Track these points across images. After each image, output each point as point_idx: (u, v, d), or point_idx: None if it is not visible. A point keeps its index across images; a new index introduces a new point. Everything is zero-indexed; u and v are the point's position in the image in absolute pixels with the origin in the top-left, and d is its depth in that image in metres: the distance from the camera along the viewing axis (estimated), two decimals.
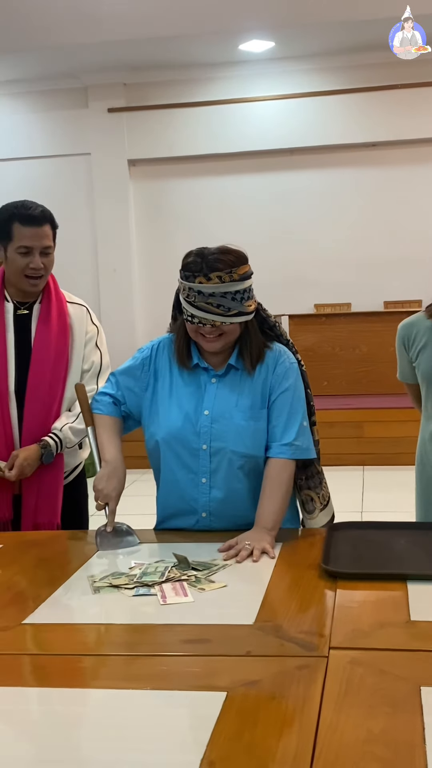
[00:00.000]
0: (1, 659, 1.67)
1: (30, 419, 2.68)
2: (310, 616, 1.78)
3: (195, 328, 2.27)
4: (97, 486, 2.31)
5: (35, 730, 1.41)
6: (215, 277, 2.18)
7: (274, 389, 2.33)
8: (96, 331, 2.83)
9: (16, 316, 2.73)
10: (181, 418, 2.33)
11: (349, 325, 7.86)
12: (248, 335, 2.32)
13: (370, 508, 5.71)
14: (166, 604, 1.85)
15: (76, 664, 1.64)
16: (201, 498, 2.36)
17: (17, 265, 2.65)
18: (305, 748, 1.27)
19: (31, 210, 2.64)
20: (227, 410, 2.32)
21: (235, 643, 1.66)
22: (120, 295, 8.48)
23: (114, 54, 7.61)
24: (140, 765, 1.26)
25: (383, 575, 1.96)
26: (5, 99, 8.49)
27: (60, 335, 2.72)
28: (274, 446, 2.32)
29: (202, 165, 8.39)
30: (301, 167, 8.27)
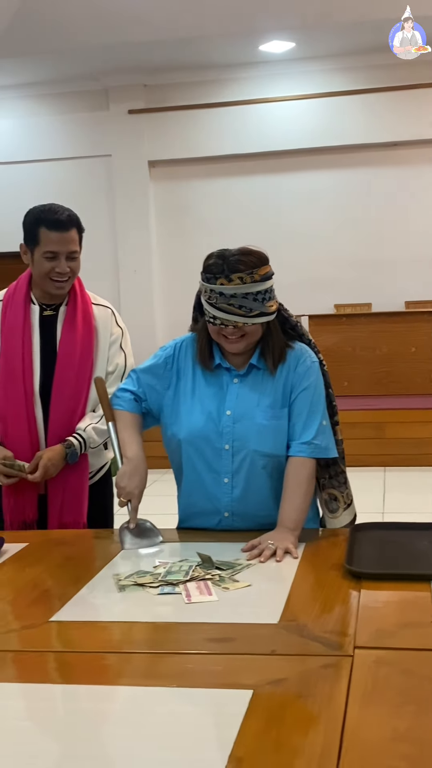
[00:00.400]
0: (28, 656, 1.69)
1: (55, 420, 2.70)
2: (334, 616, 1.79)
3: (217, 330, 2.27)
4: (120, 483, 2.32)
5: (61, 726, 1.42)
6: (236, 279, 2.18)
7: (294, 388, 2.34)
8: (121, 332, 2.84)
9: (42, 317, 2.75)
10: (204, 418, 2.34)
11: (369, 326, 7.84)
12: (270, 335, 2.33)
13: (391, 510, 5.70)
14: (191, 602, 1.86)
15: (102, 662, 1.66)
16: (224, 497, 2.37)
17: (43, 268, 2.66)
18: (332, 746, 1.28)
19: (58, 214, 2.64)
20: (249, 410, 2.32)
21: (259, 642, 1.67)
22: (140, 296, 8.51)
23: (134, 56, 7.64)
24: (167, 762, 1.27)
25: (407, 575, 1.97)
26: (26, 101, 8.55)
27: (85, 337, 2.73)
28: (294, 445, 2.33)
29: (222, 166, 8.40)
30: (321, 167, 8.26)
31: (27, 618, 1.85)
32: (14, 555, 2.30)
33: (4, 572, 2.17)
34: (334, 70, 7.97)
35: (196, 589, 1.92)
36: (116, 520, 3.00)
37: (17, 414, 2.69)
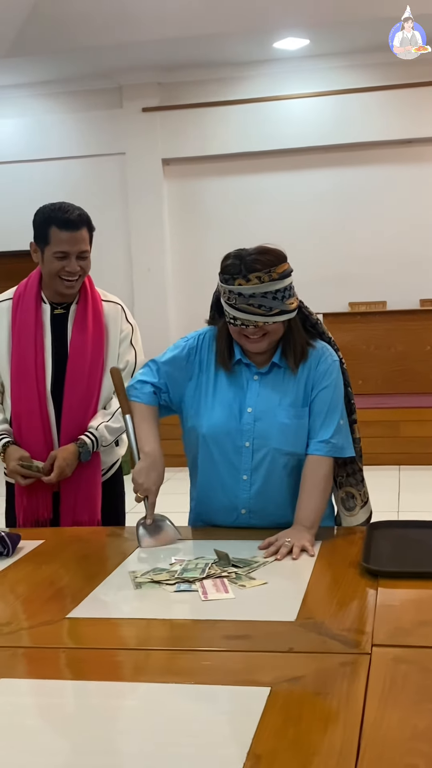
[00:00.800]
0: (45, 653, 1.69)
1: (68, 419, 2.70)
2: (351, 614, 1.79)
3: (238, 331, 2.26)
4: (137, 479, 2.29)
5: (79, 723, 1.42)
6: (254, 278, 2.17)
7: (315, 386, 2.33)
8: (131, 329, 2.83)
9: (53, 316, 2.74)
10: (225, 415, 2.33)
11: (384, 324, 7.81)
12: (291, 333, 2.31)
13: (406, 508, 5.68)
14: (207, 599, 1.86)
15: (119, 659, 1.66)
16: (241, 494, 2.36)
17: (53, 267, 2.65)
18: (350, 744, 1.27)
19: (68, 214, 2.62)
20: (270, 408, 2.31)
21: (277, 639, 1.67)
22: (154, 294, 8.50)
23: (148, 54, 7.64)
24: (186, 758, 1.27)
25: (425, 573, 1.96)
26: (40, 99, 8.56)
27: (96, 335, 2.73)
28: (312, 443, 2.32)
29: (236, 163, 8.39)
30: (336, 165, 8.23)
31: (43, 615, 1.85)
32: (30, 552, 2.30)
33: (21, 569, 2.18)
34: (348, 67, 7.94)
35: (212, 587, 1.92)
36: (128, 517, 3.00)
37: (31, 413, 2.69)
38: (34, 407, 2.69)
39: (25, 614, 1.87)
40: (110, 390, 2.75)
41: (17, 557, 2.25)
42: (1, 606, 1.95)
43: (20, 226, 9.39)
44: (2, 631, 1.78)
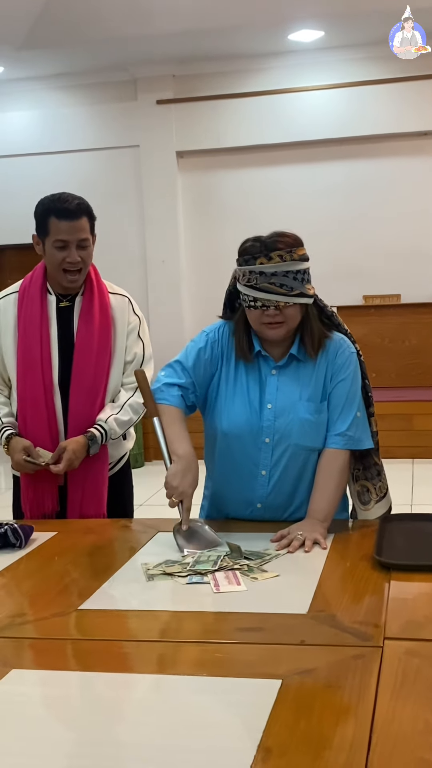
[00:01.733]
0: (56, 644, 1.70)
1: (75, 411, 2.68)
2: (364, 607, 1.78)
3: (258, 315, 2.23)
4: (171, 482, 2.19)
5: (90, 713, 1.42)
6: (276, 257, 2.17)
7: (333, 378, 2.32)
8: (138, 321, 2.81)
9: (58, 308, 2.73)
10: (245, 411, 2.31)
11: (398, 317, 7.78)
12: (308, 322, 2.30)
13: (420, 501, 5.66)
14: (219, 592, 1.86)
15: (130, 651, 1.66)
16: (259, 489, 2.36)
17: (55, 259, 2.64)
18: (362, 737, 1.27)
19: (67, 203, 2.61)
20: (291, 404, 2.30)
21: (289, 631, 1.66)
22: (168, 286, 8.50)
23: (163, 46, 7.62)
24: (197, 750, 1.27)
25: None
26: (55, 92, 8.56)
27: (102, 327, 2.71)
28: (328, 436, 2.32)
29: (250, 156, 8.36)
30: (351, 157, 8.20)
31: (56, 606, 1.86)
32: (43, 544, 2.31)
33: (34, 561, 2.18)
34: (363, 59, 7.89)
35: (224, 579, 1.92)
36: (137, 510, 3.00)
37: (37, 405, 2.68)
38: (39, 399, 2.67)
39: (37, 606, 1.88)
40: (118, 382, 2.75)
41: (30, 549, 2.26)
42: (13, 597, 1.96)
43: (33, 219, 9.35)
44: (14, 622, 1.78)
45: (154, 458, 7.36)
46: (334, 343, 2.34)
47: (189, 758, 1.25)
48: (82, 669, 1.62)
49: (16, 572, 2.11)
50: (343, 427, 2.30)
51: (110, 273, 2.84)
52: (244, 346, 2.33)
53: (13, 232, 8.65)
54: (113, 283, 2.84)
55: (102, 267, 2.87)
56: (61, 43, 7.44)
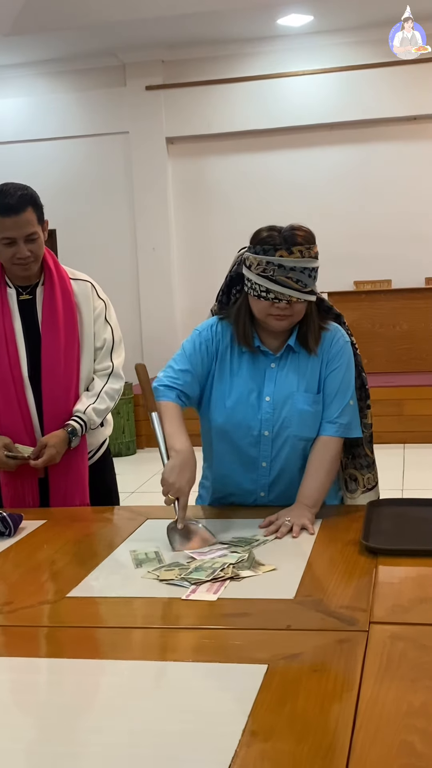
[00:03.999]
0: (46, 631, 1.71)
1: (50, 404, 2.64)
2: (350, 592, 1.79)
3: (267, 306, 2.21)
4: (168, 478, 2.14)
5: (78, 699, 1.43)
6: (297, 251, 2.16)
7: (328, 366, 2.33)
8: (104, 305, 2.75)
9: (20, 301, 2.68)
10: (243, 406, 2.31)
11: (389, 302, 7.79)
12: (310, 317, 2.29)
13: (411, 486, 5.69)
14: (188, 598, 1.78)
15: (118, 637, 1.67)
16: (261, 480, 2.37)
17: (4, 255, 2.58)
18: (346, 720, 1.28)
19: (8, 198, 2.52)
20: (289, 395, 2.30)
21: (275, 616, 1.67)
22: (159, 273, 8.49)
23: (151, 31, 7.58)
24: (183, 735, 1.28)
25: (424, 551, 1.96)
26: (43, 79, 8.51)
27: (67, 315, 2.66)
28: (321, 423, 2.33)
29: (240, 141, 8.34)
30: (340, 142, 8.18)
31: (43, 594, 1.86)
32: (32, 532, 2.31)
33: (23, 549, 2.19)
34: (353, 44, 7.87)
35: (204, 588, 1.82)
36: (122, 498, 2.98)
37: (8, 401, 2.63)
38: (11, 395, 2.63)
39: (26, 593, 1.88)
40: (90, 370, 2.71)
41: (19, 537, 2.27)
42: (1, 585, 1.96)
43: None
44: (3, 610, 1.79)
45: (147, 445, 7.37)
46: (330, 333, 2.35)
47: (175, 742, 1.26)
48: (69, 656, 1.62)
49: (5, 560, 2.11)
50: (334, 414, 2.31)
51: (100, 261, 2.85)
52: (248, 333, 2.30)
53: None
54: (102, 270, 2.82)
55: (92, 255, 2.86)
56: (49, 29, 7.39)
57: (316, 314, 2.33)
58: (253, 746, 1.23)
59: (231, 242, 9.07)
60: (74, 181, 8.37)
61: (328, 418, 2.32)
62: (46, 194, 2.94)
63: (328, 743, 1.23)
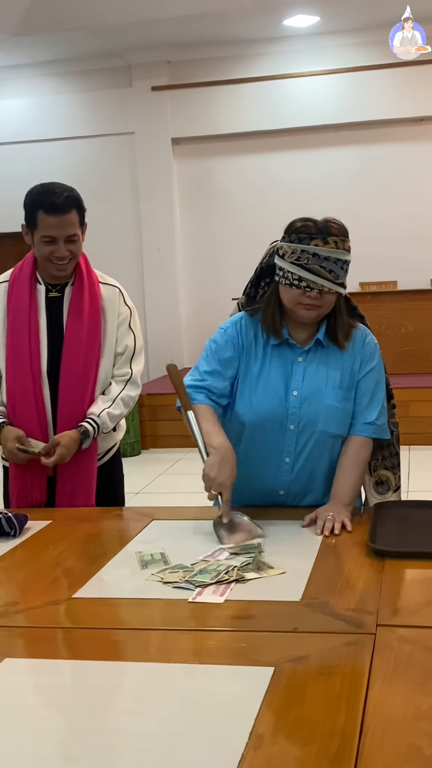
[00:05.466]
0: (49, 633, 1.70)
1: (65, 402, 2.66)
2: (357, 594, 1.78)
3: (298, 295, 2.20)
4: (209, 474, 2.15)
5: (84, 701, 1.43)
6: (332, 242, 2.18)
7: (362, 367, 2.33)
8: (129, 312, 2.78)
9: (48, 298, 2.71)
10: (270, 399, 2.29)
11: (395, 303, 7.78)
12: (339, 311, 2.30)
13: (416, 488, 5.67)
14: (194, 601, 1.77)
15: (124, 639, 1.67)
16: (282, 477, 2.35)
17: (43, 252, 2.61)
18: (353, 723, 1.27)
19: (56, 197, 2.56)
20: (317, 390, 2.29)
21: (281, 619, 1.67)
22: (164, 274, 8.49)
23: (157, 32, 7.58)
24: (189, 738, 1.27)
25: (431, 554, 1.95)
26: (49, 79, 8.52)
27: (92, 318, 2.69)
28: (356, 424, 2.32)
29: (246, 142, 8.34)
30: (346, 143, 8.17)
31: (49, 595, 1.86)
32: (37, 532, 2.31)
33: (28, 549, 2.18)
34: (359, 45, 7.86)
35: (210, 590, 1.82)
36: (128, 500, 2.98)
37: (25, 395, 2.66)
38: (28, 389, 2.65)
39: (31, 594, 1.88)
40: (108, 374, 2.73)
41: (24, 538, 2.26)
42: (7, 586, 1.96)
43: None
44: (8, 611, 1.78)
45: (151, 446, 7.36)
46: (360, 332, 2.35)
47: (181, 746, 1.25)
48: (75, 657, 1.62)
49: (10, 561, 2.11)
50: (372, 416, 2.31)
51: (105, 262, 2.83)
52: (277, 322, 2.29)
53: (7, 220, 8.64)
54: (108, 271, 2.82)
55: (97, 256, 2.85)
56: (55, 30, 7.39)
57: (345, 310, 2.32)
58: (260, 749, 1.22)
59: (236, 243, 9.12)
60: (79, 182, 8.32)
61: (366, 420, 2.32)
62: None
63: (336, 747, 1.22)
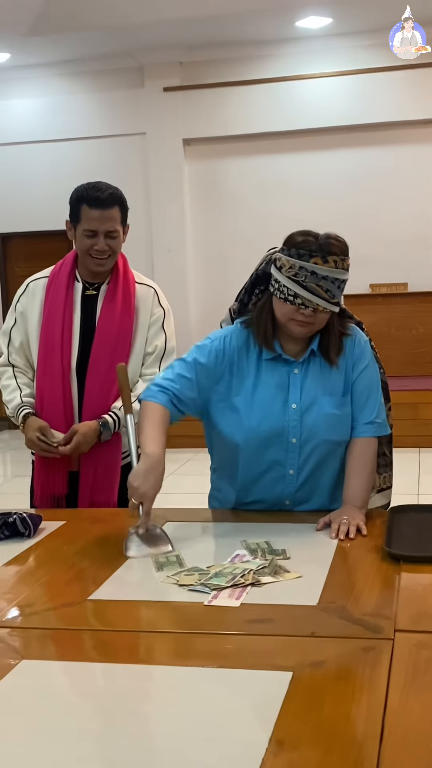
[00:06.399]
0: (67, 634, 1.70)
1: (90, 397, 2.72)
2: (374, 599, 1.77)
3: (292, 311, 2.18)
4: (133, 482, 2.11)
5: (102, 704, 1.42)
6: (332, 261, 2.14)
7: (355, 368, 2.32)
8: (163, 313, 2.83)
9: (84, 296, 2.77)
10: (269, 416, 2.26)
11: (405, 305, 7.77)
12: (332, 326, 2.27)
13: (427, 491, 5.66)
14: (210, 604, 1.77)
15: (141, 641, 1.66)
16: (287, 488, 2.34)
17: (83, 245, 2.69)
18: (373, 730, 1.27)
19: (100, 192, 2.65)
20: (315, 400, 2.28)
21: (299, 623, 1.66)
22: (174, 275, 8.48)
23: (170, 33, 7.58)
24: (209, 742, 1.27)
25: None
26: (61, 79, 8.53)
27: (124, 315, 2.74)
28: (357, 425, 2.31)
29: (257, 144, 8.33)
30: (358, 145, 8.16)
31: (65, 596, 1.85)
32: (52, 533, 2.30)
33: (42, 550, 2.18)
34: (372, 46, 7.84)
35: (226, 593, 1.81)
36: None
37: (53, 389, 2.73)
38: (56, 384, 2.72)
39: (47, 596, 1.88)
40: (135, 372, 2.77)
41: (39, 538, 2.26)
42: (22, 587, 1.95)
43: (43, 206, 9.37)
44: (23, 612, 1.78)
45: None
46: (350, 338, 2.33)
47: (201, 750, 1.25)
48: (92, 660, 1.62)
49: (25, 562, 2.11)
50: (372, 415, 2.31)
51: None
52: (269, 335, 2.27)
53: (19, 219, 8.65)
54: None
55: None
56: (68, 30, 7.40)
57: (337, 323, 2.30)
58: (280, 755, 1.22)
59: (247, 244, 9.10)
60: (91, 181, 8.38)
61: (366, 420, 2.31)
62: (62, 194, 2.98)
63: (356, 754, 1.22)
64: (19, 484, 2.90)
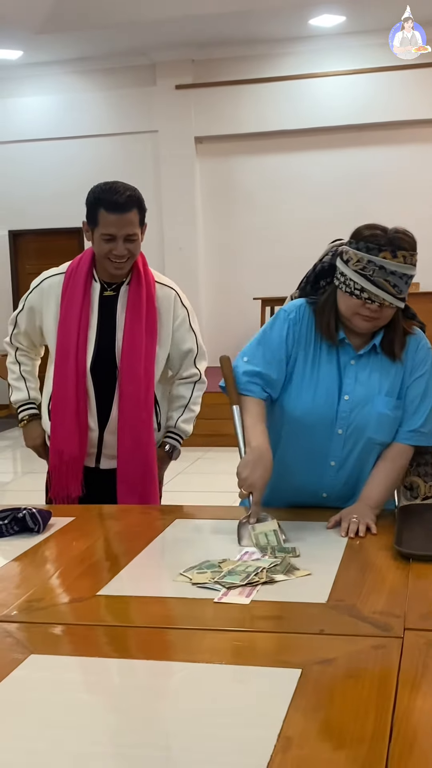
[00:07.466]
0: (77, 629, 1.70)
1: (126, 401, 2.68)
2: (383, 597, 1.76)
3: (358, 305, 2.15)
4: (242, 473, 2.14)
5: (109, 699, 1.42)
6: (401, 256, 2.11)
7: (412, 373, 2.28)
8: (186, 313, 2.80)
9: (102, 297, 2.73)
10: (321, 400, 2.25)
11: (417, 305, 7.55)
12: (397, 323, 2.24)
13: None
14: (220, 601, 1.76)
15: (150, 637, 1.66)
16: (326, 479, 2.32)
17: (102, 249, 2.63)
18: (383, 728, 1.26)
19: (117, 196, 2.59)
20: (369, 396, 2.25)
21: (308, 621, 1.65)
22: (185, 272, 8.47)
23: (182, 30, 7.58)
24: (217, 738, 1.26)
25: None
26: (73, 77, 8.54)
27: (149, 319, 2.70)
28: (401, 431, 2.28)
29: (269, 142, 8.32)
30: (371, 143, 8.14)
31: (74, 591, 1.85)
32: (61, 529, 2.30)
33: (52, 545, 2.18)
34: (385, 45, 7.74)
35: (237, 591, 1.80)
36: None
37: (66, 390, 2.70)
38: (70, 385, 2.69)
39: (57, 591, 1.88)
40: (159, 374, 2.77)
41: (47, 534, 2.26)
42: (31, 582, 1.95)
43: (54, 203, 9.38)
44: (32, 607, 1.78)
45: None
46: (414, 337, 2.30)
47: (209, 746, 1.24)
48: (101, 655, 1.62)
49: (34, 557, 2.11)
50: (417, 424, 2.27)
51: None
52: (332, 327, 2.24)
53: (30, 217, 8.66)
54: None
55: None
56: (80, 28, 7.41)
57: (402, 320, 2.28)
58: (288, 752, 1.21)
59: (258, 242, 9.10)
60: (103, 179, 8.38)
61: (411, 427, 2.27)
62: (74, 192, 2.97)
63: (365, 752, 1.21)
64: (30, 481, 2.89)
